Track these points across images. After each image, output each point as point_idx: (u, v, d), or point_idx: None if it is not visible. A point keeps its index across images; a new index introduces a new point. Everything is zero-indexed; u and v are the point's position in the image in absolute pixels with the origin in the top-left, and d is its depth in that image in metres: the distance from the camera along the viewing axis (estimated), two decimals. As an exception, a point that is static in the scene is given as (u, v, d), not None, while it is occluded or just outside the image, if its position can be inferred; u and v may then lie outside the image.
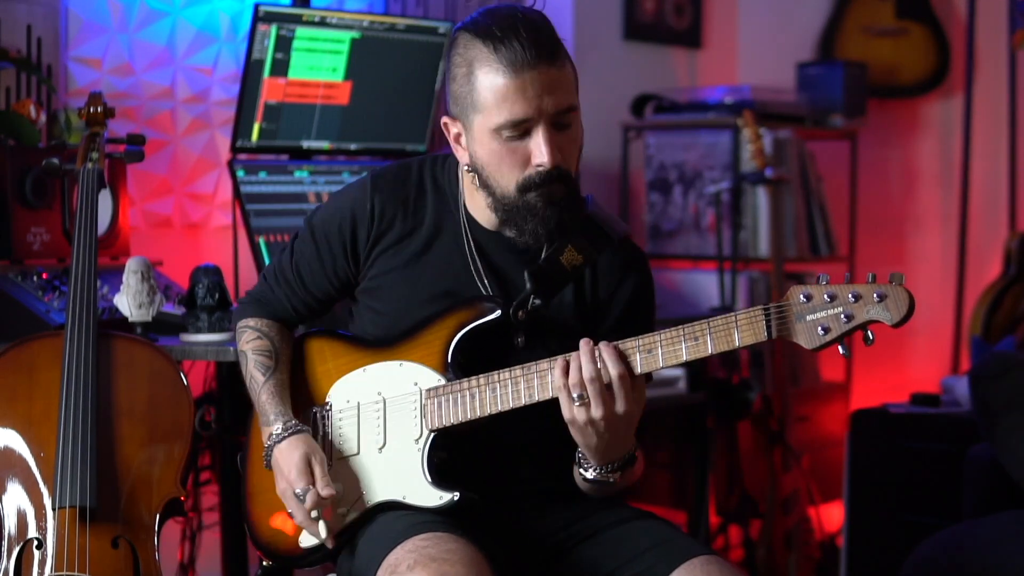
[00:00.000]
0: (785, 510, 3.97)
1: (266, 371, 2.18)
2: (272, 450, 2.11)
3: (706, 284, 4.23)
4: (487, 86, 1.98)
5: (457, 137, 2.08)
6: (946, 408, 3.91)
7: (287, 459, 2.08)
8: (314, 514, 2.06)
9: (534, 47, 1.96)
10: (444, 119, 2.09)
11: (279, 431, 2.11)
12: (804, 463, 4.12)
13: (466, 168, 2.09)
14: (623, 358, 1.92)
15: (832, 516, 4.34)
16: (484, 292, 2.12)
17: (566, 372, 1.94)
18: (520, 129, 1.99)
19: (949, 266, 4.77)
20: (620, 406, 1.93)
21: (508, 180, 2.03)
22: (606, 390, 1.92)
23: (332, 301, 2.26)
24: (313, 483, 2.05)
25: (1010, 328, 4.24)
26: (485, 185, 2.06)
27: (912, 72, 4.79)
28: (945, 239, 4.82)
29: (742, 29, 5.05)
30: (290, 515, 2.12)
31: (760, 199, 4.20)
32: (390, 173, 2.18)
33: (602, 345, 1.93)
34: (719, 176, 4.22)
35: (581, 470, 2.05)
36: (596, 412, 1.93)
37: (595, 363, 1.92)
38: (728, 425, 3.97)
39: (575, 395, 1.93)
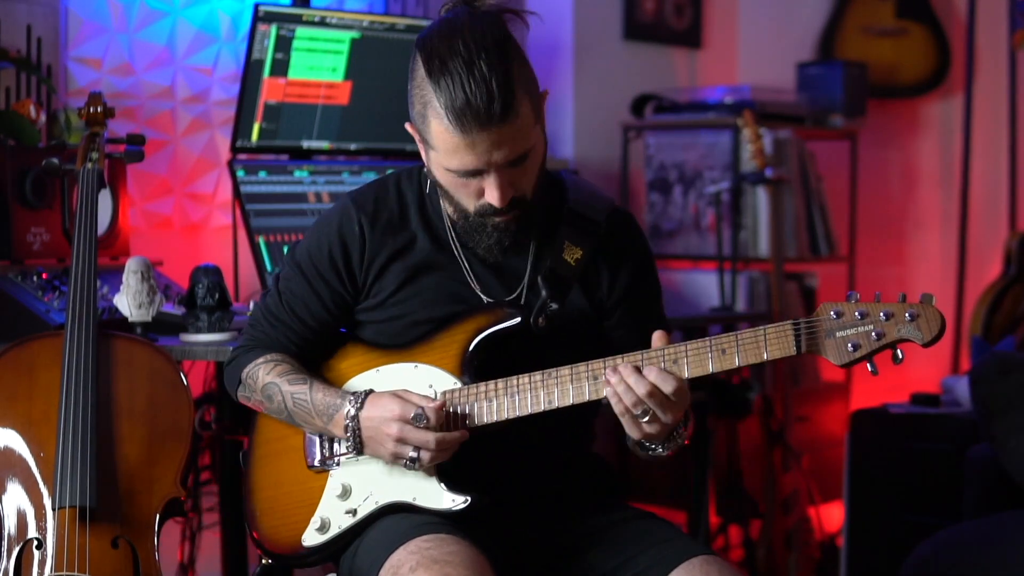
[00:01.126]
0: (785, 510, 3.97)
1: (304, 381, 2.14)
2: (358, 419, 2.05)
3: (706, 284, 4.23)
4: (437, 134, 1.97)
5: (420, 142, 2.07)
6: (946, 408, 3.91)
7: (381, 407, 2.03)
8: (438, 424, 2.01)
9: (484, 106, 1.90)
10: (408, 124, 2.07)
11: (353, 399, 2.07)
12: (804, 463, 4.12)
13: (426, 172, 2.11)
14: (671, 374, 1.92)
15: (832, 516, 4.34)
16: (476, 292, 2.13)
17: (619, 400, 1.93)
18: (471, 174, 1.99)
19: (949, 266, 4.77)
20: (682, 404, 1.95)
21: (465, 204, 2.05)
22: (666, 399, 1.93)
23: (331, 329, 2.22)
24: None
25: (1010, 328, 4.25)
26: (445, 195, 2.08)
27: (912, 72, 4.79)
28: (945, 239, 4.83)
29: (742, 29, 5.05)
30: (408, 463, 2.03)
31: (760, 199, 4.20)
32: (369, 193, 2.18)
33: (645, 370, 1.93)
34: (719, 176, 4.22)
35: (650, 453, 2.05)
36: (666, 417, 1.94)
37: (644, 381, 1.91)
38: (728, 425, 3.97)
39: (638, 412, 1.93)
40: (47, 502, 2.23)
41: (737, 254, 4.16)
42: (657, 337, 1.98)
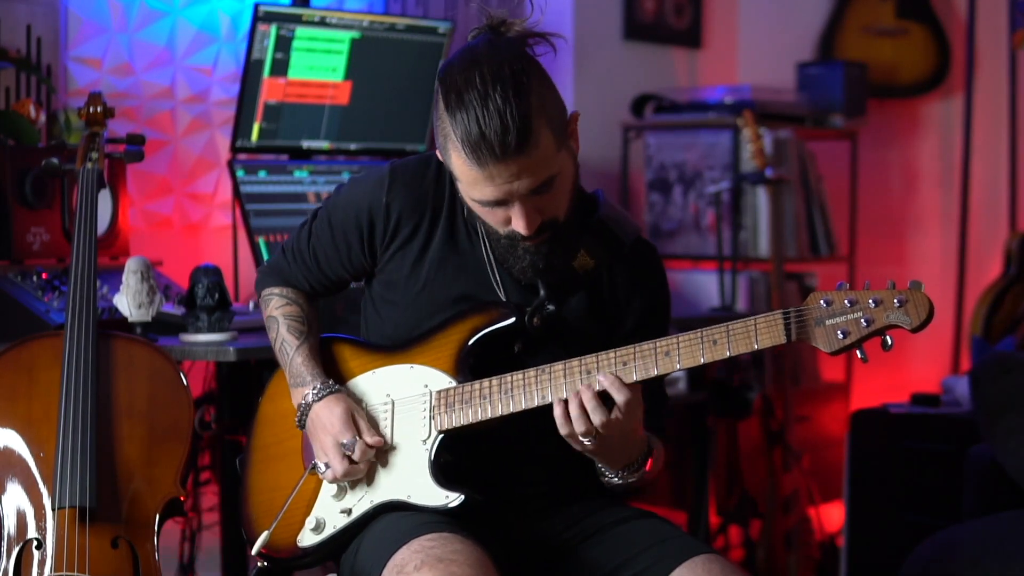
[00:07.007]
0: (785, 510, 3.97)
1: (300, 335, 2.20)
2: (311, 408, 2.11)
3: (706, 284, 4.23)
4: (458, 167, 1.96)
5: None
6: (946, 408, 3.91)
7: (330, 413, 2.09)
8: (359, 461, 2.06)
9: (499, 139, 1.89)
10: (436, 151, 2.07)
11: (319, 388, 2.12)
12: (804, 463, 4.12)
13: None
14: (623, 383, 1.93)
15: (832, 516, 4.34)
16: (499, 294, 2.13)
17: (568, 420, 1.94)
18: (496, 204, 1.98)
19: (949, 266, 4.77)
20: (627, 425, 1.95)
21: (495, 228, 2.04)
22: (612, 423, 1.93)
23: (345, 284, 2.28)
24: (359, 434, 2.07)
25: (1010, 328, 4.25)
26: (478, 218, 2.07)
27: (912, 72, 4.79)
28: (945, 239, 4.83)
29: (742, 29, 5.05)
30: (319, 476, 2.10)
31: (760, 199, 4.20)
32: (409, 169, 2.17)
33: (601, 377, 1.94)
34: (719, 176, 4.22)
35: (605, 479, 2.08)
36: (605, 445, 1.97)
37: (601, 408, 1.92)
38: (728, 425, 3.98)
39: (586, 441, 1.95)
40: (47, 502, 2.23)
41: (737, 254, 4.16)
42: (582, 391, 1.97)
